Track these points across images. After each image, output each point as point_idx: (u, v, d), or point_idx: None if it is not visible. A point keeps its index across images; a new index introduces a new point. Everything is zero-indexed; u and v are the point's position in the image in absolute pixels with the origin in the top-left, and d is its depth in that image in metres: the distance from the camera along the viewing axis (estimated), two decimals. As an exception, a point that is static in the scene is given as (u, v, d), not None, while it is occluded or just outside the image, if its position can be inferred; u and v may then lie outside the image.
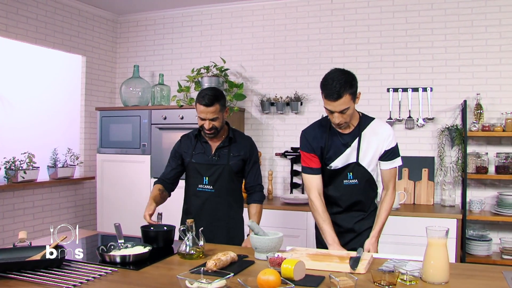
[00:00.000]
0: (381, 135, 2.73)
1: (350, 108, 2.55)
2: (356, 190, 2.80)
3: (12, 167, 4.49)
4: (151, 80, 5.61)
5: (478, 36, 4.48)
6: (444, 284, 2.00)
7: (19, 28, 4.63)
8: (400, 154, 2.82)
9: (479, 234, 4.31)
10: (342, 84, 2.49)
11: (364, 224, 2.86)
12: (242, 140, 3.15)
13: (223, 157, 3.07)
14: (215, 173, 3.05)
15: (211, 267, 2.14)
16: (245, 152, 3.10)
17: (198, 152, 3.10)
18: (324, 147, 2.76)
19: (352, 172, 2.76)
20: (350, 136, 2.73)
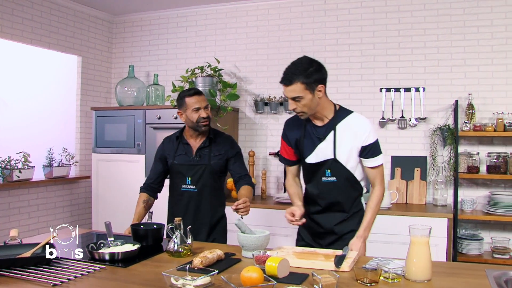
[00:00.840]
0: (356, 130, 2.65)
1: (305, 98, 2.53)
2: (335, 189, 2.71)
3: (7, 166, 4.52)
4: (146, 80, 5.64)
5: (470, 36, 4.51)
6: (427, 282, 2.03)
7: (14, 28, 4.66)
8: (381, 152, 2.72)
9: (471, 233, 4.34)
10: (296, 71, 2.52)
11: (345, 226, 2.74)
12: (222, 139, 3.25)
13: (204, 157, 3.17)
14: (197, 173, 3.14)
15: (197, 264, 2.18)
16: (226, 150, 3.19)
17: (180, 153, 3.22)
18: (299, 139, 2.76)
19: (330, 169, 2.67)
20: (324, 129, 2.67)
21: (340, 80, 4.89)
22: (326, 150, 2.66)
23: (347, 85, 4.87)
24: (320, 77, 2.56)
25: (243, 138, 5.27)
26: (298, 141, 2.77)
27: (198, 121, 3.11)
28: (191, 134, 3.24)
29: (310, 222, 2.81)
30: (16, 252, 2.37)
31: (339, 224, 2.75)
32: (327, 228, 2.77)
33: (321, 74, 2.57)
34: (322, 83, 2.58)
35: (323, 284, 1.88)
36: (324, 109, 2.66)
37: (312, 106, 2.58)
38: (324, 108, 2.65)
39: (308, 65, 2.55)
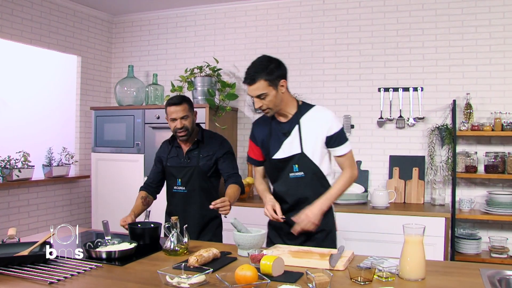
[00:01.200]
0: (320, 121, 2.69)
1: (269, 95, 2.60)
2: (302, 184, 2.72)
3: (7, 165, 4.55)
4: (145, 80, 5.66)
5: (468, 36, 4.52)
6: (420, 280, 2.05)
7: (14, 28, 4.68)
8: (348, 138, 2.76)
9: (469, 233, 4.35)
10: (258, 69, 2.58)
11: None
12: (212, 140, 3.28)
13: (193, 159, 3.23)
14: (186, 174, 3.21)
15: (193, 263, 2.19)
16: (214, 151, 3.22)
17: (172, 156, 3.31)
18: (265, 138, 2.80)
19: (297, 164, 2.70)
20: (288, 124, 2.73)
21: (339, 80, 4.91)
22: (292, 145, 2.71)
23: (345, 85, 4.89)
24: (281, 73, 2.63)
25: (242, 138, 5.29)
26: (264, 140, 2.81)
27: (175, 130, 3.18)
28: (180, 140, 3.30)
29: (281, 223, 2.78)
30: (14, 250, 2.40)
31: None
32: None
33: (281, 70, 2.64)
34: (284, 78, 2.65)
35: (317, 282, 1.89)
36: (287, 105, 2.72)
37: (277, 102, 2.65)
38: (287, 104, 2.71)
39: (268, 62, 2.62)
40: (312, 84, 5.00)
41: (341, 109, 4.88)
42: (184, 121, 3.14)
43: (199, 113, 4.65)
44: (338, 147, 2.70)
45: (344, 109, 4.88)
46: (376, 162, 4.78)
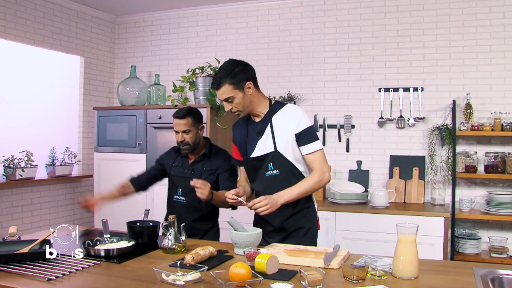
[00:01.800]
0: (289, 119, 2.69)
1: (236, 97, 2.64)
2: (278, 182, 2.70)
3: (10, 165, 4.59)
4: (148, 80, 5.70)
5: (468, 36, 4.53)
6: (414, 279, 2.06)
7: (17, 29, 4.73)
8: (318, 138, 2.72)
9: (468, 233, 4.36)
10: (223, 74, 2.62)
11: (294, 222, 2.76)
12: (217, 155, 3.31)
13: (197, 171, 3.25)
14: (187, 185, 3.12)
15: (189, 261, 2.22)
16: (218, 166, 3.23)
17: (176, 165, 3.34)
18: (242, 139, 2.84)
19: (272, 162, 2.71)
20: (261, 123, 2.75)
21: (340, 80, 4.93)
22: (266, 144, 2.72)
23: (346, 85, 4.91)
24: (246, 75, 2.65)
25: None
26: (242, 140, 2.85)
27: (178, 143, 3.23)
28: None
29: (260, 221, 2.81)
30: (14, 248, 2.43)
31: (287, 220, 2.76)
32: (276, 225, 2.77)
33: (246, 73, 2.66)
34: (250, 80, 2.66)
35: (310, 280, 1.92)
36: (258, 105, 2.74)
37: (246, 104, 2.68)
38: (258, 104, 2.73)
39: (233, 66, 2.65)
40: (313, 85, 5.02)
41: (342, 109, 4.91)
42: (185, 135, 3.18)
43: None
44: (305, 145, 2.68)
45: (345, 109, 4.90)
46: (376, 162, 4.80)
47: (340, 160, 4.89)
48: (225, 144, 4.94)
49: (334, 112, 4.93)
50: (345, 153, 4.89)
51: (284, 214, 2.73)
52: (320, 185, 2.71)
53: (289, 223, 2.76)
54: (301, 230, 2.75)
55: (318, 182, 2.67)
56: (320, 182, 2.68)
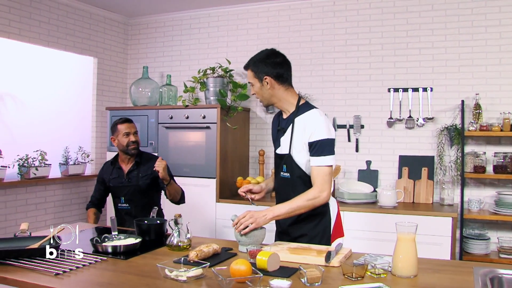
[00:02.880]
0: (306, 125, 2.60)
1: (255, 85, 2.68)
2: (287, 185, 2.70)
3: (25, 164, 4.69)
4: (160, 81, 5.77)
5: (478, 36, 4.52)
6: (412, 277, 2.08)
7: (32, 31, 4.83)
8: (333, 153, 2.58)
9: (477, 233, 4.35)
10: (252, 59, 2.70)
11: (298, 229, 2.71)
12: (149, 161, 3.73)
13: (133, 179, 3.69)
14: (128, 193, 3.68)
15: (193, 257, 2.27)
16: (152, 171, 3.59)
17: (114, 177, 3.77)
18: (274, 131, 2.85)
19: (285, 164, 2.69)
20: (285, 121, 2.72)
21: (349, 81, 4.95)
22: (285, 144, 2.70)
23: (355, 85, 4.93)
24: (267, 69, 2.62)
25: (254, 138, 5.37)
26: (274, 133, 2.87)
27: (128, 145, 3.67)
28: (123, 159, 3.76)
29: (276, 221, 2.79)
30: (25, 244, 2.51)
31: (291, 225, 2.72)
32: (282, 228, 2.78)
33: (269, 67, 2.62)
34: (270, 75, 2.62)
35: (309, 277, 1.96)
36: (284, 103, 2.70)
37: (264, 96, 2.69)
38: (282, 101, 2.70)
39: (264, 55, 2.67)
40: (322, 85, 5.05)
41: (351, 109, 4.93)
42: (136, 136, 3.73)
43: (211, 113, 4.77)
44: (314, 157, 2.56)
45: (354, 109, 4.92)
46: (385, 162, 4.82)
47: (349, 160, 4.92)
48: (234, 144, 5.00)
49: (343, 112, 4.96)
50: (354, 153, 4.91)
51: (289, 219, 2.69)
52: (315, 204, 2.56)
53: (293, 228, 2.73)
54: (304, 238, 2.68)
55: (312, 200, 2.55)
56: (315, 201, 2.55)
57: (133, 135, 3.69)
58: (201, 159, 4.85)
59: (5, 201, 4.64)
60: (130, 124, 3.73)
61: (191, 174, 4.88)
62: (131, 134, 3.68)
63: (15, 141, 4.79)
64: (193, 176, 4.87)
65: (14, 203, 4.72)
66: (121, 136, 3.67)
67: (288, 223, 2.73)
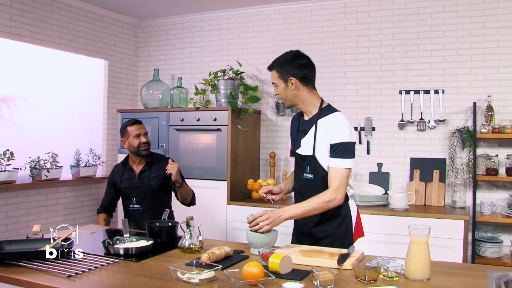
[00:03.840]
0: (331, 126, 2.61)
1: (279, 86, 2.69)
2: (311, 187, 2.68)
3: (36, 166, 4.72)
4: (171, 83, 5.79)
5: (490, 38, 4.49)
6: (426, 280, 2.07)
7: (43, 34, 4.86)
8: (353, 157, 2.59)
9: (490, 236, 4.32)
10: (277, 59, 2.71)
11: (322, 230, 2.71)
12: (160, 161, 3.75)
13: (145, 179, 3.70)
14: (139, 194, 3.70)
15: (205, 260, 2.27)
16: (163, 170, 3.56)
17: (125, 178, 3.76)
18: (294, 131, 2.85)
19: (309, 166, 2.69)
20: (307, 123, 2.72)
21: (360, 83, 4.94)
22: (307, 146, 2.70)
23: (366, 87, 4.91)
24: (292, 71, 2.64)
25: (265, 140, 5.36)
26: (293, 134, 2.87)
27: (139, 146, 3.68)
28: (134, 160, 3.76)
29: (294, 223, 2.86)
30: (37, 245, 2.52)
31: (315, 226, 2.72)
32: (304, 230, 2.78)
33: (295, 69, 2.64)
34: (295, 77, 2.64)
35: (321, 280, 1.95)
36: (307, 104, 2.71)
37: (288, 97, 2.70)
38: (305, 103, 2.71)
39: (290, 56, 2.69)
40: (333, 87, 5.04)
41: (362, 111, 4.91)
42: (147, 137, 3.73)
43: (222, 115, 4.77)
44: (333, 158, 2.58)
45: (365, 111, 4.90)
46: (397, 164, 4.79)
47: (360, 162, 4.89)
48: (245, 146, 5.00)
49: (354, 115, 4.94)
50: (365, 155, 4.89)
51: (312, 220, 2.71)
52: (329, 207, 2.58)
53: (316, 229, 2.72)
54: (327, 239, 2.69)
55: (327, 202, 2.56)
56: (330, 203, 2.56)
57: (143, 136, 3.70)
58: (212, 162, 4.85)
59: (17, 202, 4.67)
60: (140, 125, 3.74)
61: (202, 176, 4.88)
62: (142, 135, 3.69)
63: (27, 143, 4.81)
64: (204, 179, 4.87)
65: (25, 205, 4.75)
66: (132, 138, 3.67)
67: (311, 225, 2.73)
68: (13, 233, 4.60)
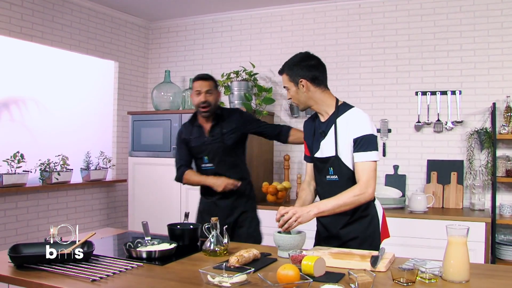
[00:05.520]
0: (351, 122, 2.55)
1: (290, 89, 2.64)
2: (337, 189, 2.56)
3: (46, 169, 4.65)
4: (182, 85, 5.72)
5: (508, 38, 4.43)
6: (465, 283, 2.00)
7: (54, 35, 4.80)
8: (377, 149, 2.54)
9: (510, 239, 4.25)
10: (287, 63, 2.65)
11: (350, 231, 2.63)
12: (231, 114, 3.44)
13: (217, 135, 3.36)
14: (211, 151, 3.34)
15: (234, 263, 2.19)
16: (237, 124, 3.36)
17: (195, 136, 3.43)
18: (310, 137, 2.76)
19: (332, 167, 2.61)
20: (325, 124, 2.65)
21: (375, 84, 4.87)
22: (328, 147, 2.62)
23: (382, 89, 4.85)
24: (302, 73, 2.59)
25: (279, 143, 5.26)
26: (309, 138, 2.77)
27: (198, 105, 3.31)
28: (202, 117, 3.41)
29: (319, 226, 2.78)
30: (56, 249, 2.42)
31: (343, 228, 2.64)
32: (332, 232, 2.69)
33: (304, 70, 2.59)
34: (306, 78, 2.58)
35: (360, 282, 1.87)
36: (321, 105, 2.65)
37: (301, 99, 2.64)
38: (319, 103, 2.64)
39: (299, 59, 2.64)
40: (348, 88, 4.97)
41: (378, 113, 4.84)
42: (208, 96, 3.30)
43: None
44: (358, 153, 2.51)
45: (381, 113, 4.84)
46: (413, 166, 4.72)
47: (376, 165, 4.82)
48: (259, 149, 4.93)
49: (370, 116, 4.77)
50: (381, 158, 4.81)
51: (340, 221, 2.63)
52: (360, 201, 2.50)
53: (345, 231, 2.64)
54: (355, 241, 2.61)
55: (358, 196, 2.48)
56: (360, 197, 2.49)
57: (204, 94, 3.28)
58: (225, 164, 4.77)
59: (27, 206, 4.60)
60: (203, 82, 3.31)
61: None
62: (203, 93, 3.28)
63: (37, 146, 4.75)
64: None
65: (36, 208, 4.68)
66: (194, 95, 3.33)
67: (340, 226, 2.64)
68: (23, 237, 4.52)
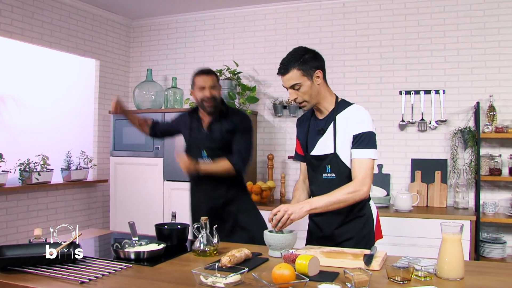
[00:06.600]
0: (352, 118, 2.49)
1: (303, 85, 2.47)
2: (333, 187, 2.49)
3: (26, 169, 4.54)
4: (164, 83, 5.65)
5: (490, 38, 4.47)
6: (459, 280, 1.99)
7: (34, 32, 4.70)
8: (376, 147, 2.48)
9: (493, 237, 4.29)
10: (291, 59, 2.48)
11: (345, 231, 2.58)
12: (235, 114, 3.30)
13: (216, 131, 3.23)
14: (210, 146, 3.21)
15: (226, 263, 2.15)
16: (236, 125, 3.21)
17: (193, 128, 3.32)
18: (304, 136, 2.69)
19: (330, 165, 2.53)
20: (324, 121, 2.57)
21: (360, 83, 4.87)
22: (326, 144, 2.55)
23: (366, 88, 4.85)
24: (316, 63, 2.50)
25: (262, 142, 5.26)
26: (304, 136, 2.71)
27: (202, 100, 3.18)
28: (203, 112, 3.29)
29: (312, 225, 2.72)
30: (41, 250, 2.36)
31: (338, 228, 2.59)
32: (326, 232, 2.63)
33: (317, 61, 2.51)
34: (320, 69, 2.51)
35: (356, 281, 1.85)
36: (325, 100, 2.57)
37: (313, 94, 2.51)
38: (324, 98, 2.56)
39: (303, 52, 2.51)
40: (332, 87, 4.75)
41: (362, 112, 4.84)
42: (213, 90, 3.17)
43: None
44: (356, 149, 2.45)
45: (365, 112, 4.83)
46: (397, 165, 4.73)
47: (359, 164, 4.82)
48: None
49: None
50: (365, 157, 4.82)
51: (335, 221, 2.58)
52: (355, 199, 2.45)
53: (339, 231, 2.59)
54: (350, 242, 2.55)
55: (352, 193, 2.43)
56: (355, 194, 2.43)
57: (208, 89, 3.15)
58: (209, 164, 4.72)
59: (6, 207, 4.50)
60: (206, 77, 3.19)
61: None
62: (206, 89, 3.16)
63: (16, 145, 4.63)
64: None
65: (15, 209, 4.58)
66: (197, 90, 3.19)
67: (335, 226, 2.59)
68: (2, 239, 4.41)
